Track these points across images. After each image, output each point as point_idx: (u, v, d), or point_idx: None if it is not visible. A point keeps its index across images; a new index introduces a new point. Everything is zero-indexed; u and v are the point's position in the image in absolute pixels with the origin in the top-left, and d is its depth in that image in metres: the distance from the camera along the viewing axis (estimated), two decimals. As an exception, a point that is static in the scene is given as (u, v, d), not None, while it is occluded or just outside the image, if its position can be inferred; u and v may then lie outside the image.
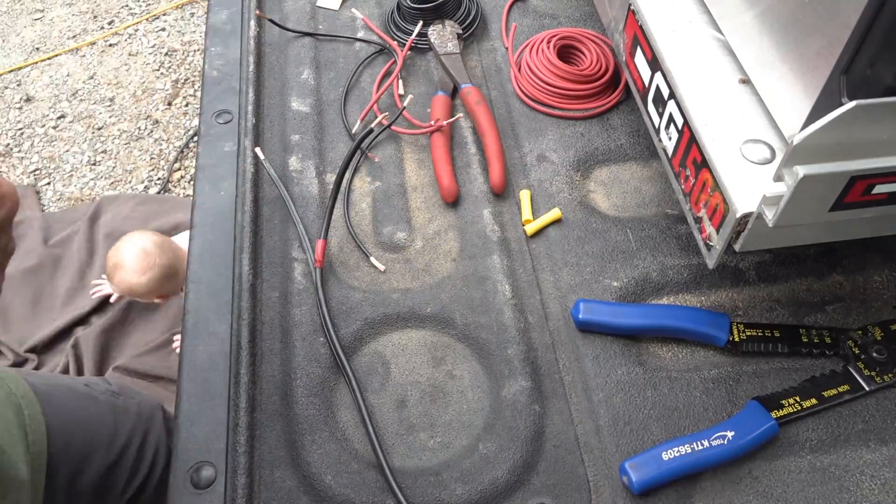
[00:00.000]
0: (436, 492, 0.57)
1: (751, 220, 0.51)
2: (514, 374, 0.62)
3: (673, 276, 0.68)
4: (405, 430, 0.60)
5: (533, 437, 0.59)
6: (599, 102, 0.81)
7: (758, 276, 0.68)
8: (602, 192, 0.75)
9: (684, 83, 0.59)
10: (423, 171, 0.77)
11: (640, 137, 0.79)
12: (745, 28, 0.58)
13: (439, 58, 0.83)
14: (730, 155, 0.54)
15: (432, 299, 0.67)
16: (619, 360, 0.64)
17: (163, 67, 2.39)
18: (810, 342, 0.63)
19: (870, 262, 0.69)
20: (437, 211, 0.74)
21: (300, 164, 0.77)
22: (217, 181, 0.74)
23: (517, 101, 0.82)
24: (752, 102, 0.58)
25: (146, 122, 2.26)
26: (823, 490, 0.57)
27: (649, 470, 0.56)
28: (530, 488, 0.57)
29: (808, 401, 0.60)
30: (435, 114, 0.79)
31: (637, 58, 0.66)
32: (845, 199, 0.49)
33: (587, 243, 0.71)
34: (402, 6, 0.87)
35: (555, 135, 0.79)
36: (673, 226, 0.72)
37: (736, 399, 0.61)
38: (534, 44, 0.84)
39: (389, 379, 0.63)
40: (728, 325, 0.63)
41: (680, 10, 0.65)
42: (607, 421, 0.60)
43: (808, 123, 0.49)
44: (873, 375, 0.61)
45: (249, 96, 0.81)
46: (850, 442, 0.59)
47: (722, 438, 0.57)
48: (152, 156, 2.18)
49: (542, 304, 0.67)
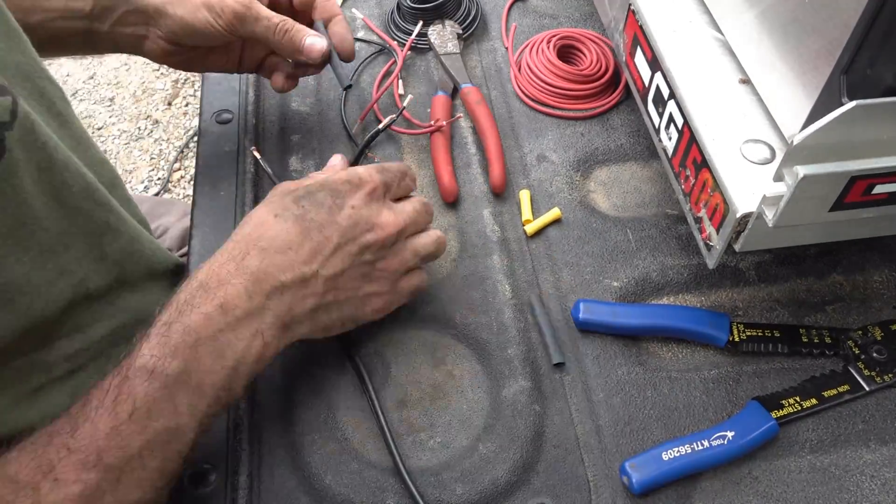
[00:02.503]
0: (436, 492, 0.57)
1: (751, 220, 0.51)
2: (514, 374, 0.62)
3: (673, 276, 0.68)
4: (405, 430, 0.60)
5: (533, 437, 0.59)
6: (599, 102, 0.81)
7: (758, 276, 0.68)
8: (602, 192, 0.75)
9: (684, 83, 0.59)
10: (423, 171, 0.77)
11: (640, 137, 0.79)
12: (746, 28, 0.58)
13: (439, 58, 0.83)
14: (730, 155, 0.54)
15: (432, 299, 0.67)
16: (619, 360, 0.64)
17: (163, 67, 2.38)
18: (810, 342, 0.63)
19: (870, 262, 0.69)
20: (437, 211, 0.74)
21: (300, 164, 0.77)
22: (217, 181, 0.74)
23: (517, 101, 0.82)
24: (752, 102, 0.58)
25: (146, 122, 2.26)
26: (823, 490, 0.57)
27: (649, 470, 0.56)
28: (530, 488, 0.57)
29: (808, 401, 0.60)
30: (435, 114, 0.79)
31: (637, 58, 0.66)
32: (845, 199, 0.49)
33: (587, 243, 0.71)
34: (402, 6, 0.87)
35: (555, 135, 0.79)
36: (673, 226, 0.72)
37: (736, 399, 0.61)
38: (534, 44, 0.84)
39: (389, 379, 0.63)
40: (728, 325, 0.63)
41: (680, 10, 0.65)
42: (607, 421, 0.60)
43: (808, 123, 0.49)
44: (873, 375, 0.61)
45: (249, 96, 0.81)
46: (850, 442, 0.59)
47: (722, 438, 0.57)
48: (152, 156, 2.18)
49: (542, 304, 0.67)
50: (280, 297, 0.53)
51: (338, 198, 0.56)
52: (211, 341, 0.49)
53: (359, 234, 0.56)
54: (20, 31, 0.58)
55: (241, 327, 0.51)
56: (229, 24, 0.64)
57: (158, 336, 0.49)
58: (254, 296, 0.51)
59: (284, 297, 0.53)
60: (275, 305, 0.52)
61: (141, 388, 0.47)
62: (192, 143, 2.15)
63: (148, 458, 0.47)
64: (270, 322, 0.52)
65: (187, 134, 2.18)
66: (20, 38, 0.58)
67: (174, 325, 0.49)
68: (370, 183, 0.58)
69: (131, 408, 0.46)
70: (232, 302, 0.51)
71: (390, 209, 0.58)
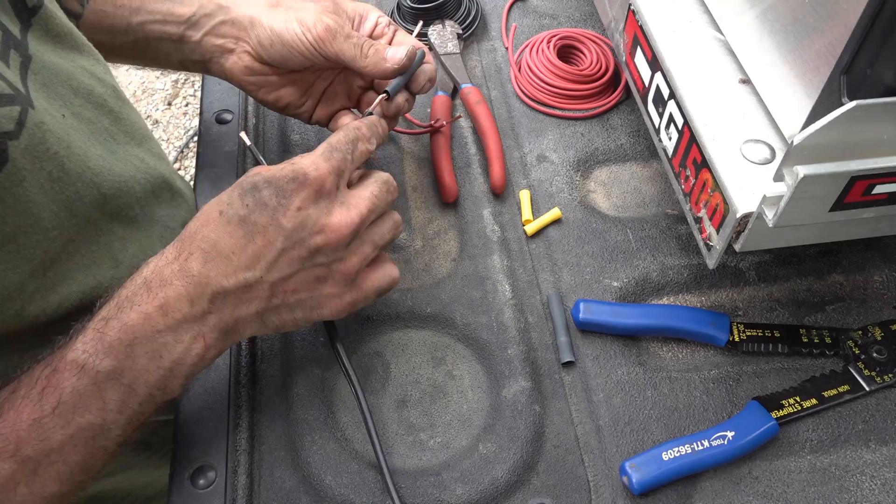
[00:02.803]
0: (436, 492, 0.57)
1: (751, 220, 0.51)
2: (514, 374, 0.62)
3: (673, 276, 0.69)
4: (405, 430, 0.60)
5: (533, 437, 0.59)
6: (599, 102, 0.81)
7: (758, 276, 0.69)
8: (602, 192, 0.75)
9: (684, 83, 0.59)
10: (423, 171, 0.77)
11: (640, 137, 0.79)
12: (746, 28, 0.58)
13: (439, 58, 0.83)
14: (730, 155, 0.54)
15: (432, 299, 0.67)
16: (619, 360, 0.64)
17: (163, 67, 2.39)
18: (810, 342, 0.63)
19: (870, 262, 0.69)
20: (437, 211, 0.74)
21: (300, 164, 0.77)
22: (217, 181, 0.74)
23: (517, 101, 0.82)
24: (752, 102, 0.58)
25: (146, 122, 2.26)
26: (823, 490, 0.57)
27: (649, 470, 0.56)
28: (530, 488, 0.57)
29: (808, 401, 0.60)
30: (435, 114, 0.79)
31: (637, 58, 0.66)
32: (845, 200, 0.49)
33: (587, 243, 0.71)
34: (402, 6, 0.87)
35: (555, 135, 0.79)
36: (673, 226, 0.72)
37: (736, 399, 0.61)
38: (534, 44, 0.84)
39: (389, 379, 0.63)
40: (728, 325, 0.63)
41: (680, 10, 0.65)
42: (607, 421, 0.60)
43: (808, 123, 0.49)
44: (873, 375, 0.61)
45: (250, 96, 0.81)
46: (850, 442, 0.59)
47: (722, 438, 0.57)
48: (152, 156, 2.18)
49: (542, 304, 0.67)
50: (223, 301, 0.51)
51: (283, 197, 0.52)
52: (148, 341, 0.48)
53: (306, 236, 0.52)
54: (74, 31, 0.59)
55: (181, 330, 0.50)
56: (318, 39, 0.63)
57: (94, 331, 0.48)
58: (195, 301, 0.50)
59: (227, 301, 0.51)
60: (217, 310, 0.51)
61: (69, 382, 0.46)
62: (192, 143, 2.15)
63: (70, 452, 0.46)
64: (213, 325, 0.51)
65: (187, 134, 2.18)
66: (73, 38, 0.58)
67: (112, 321, 0.48)
68: (317, 178, 0.53)
69: (56, 401, 0.46)
70: (172, 304, 0.49)
71: (342, 204, 0.54)
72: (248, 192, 0.52)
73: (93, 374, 0.47)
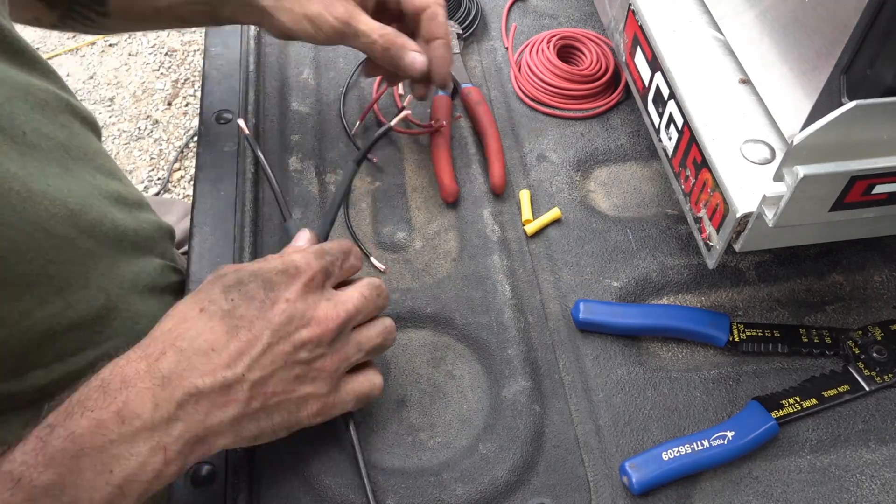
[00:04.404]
0: (436, 492, 0.57)
1: (751, 220, 0.51)
2: (514, 374, 0.62)
3: (673, 276, 0.69)
4: (405, 430, 0.60)
5: (533, 437, 0.59)
6: (599, 102, 0.81)
7: (758, 276, 0.69)
8: (602, 192, 0.75)
9: (684, 83, 0.59)
10: (423, 171, 0.77)
11: (640, 137, 0.79)
12: (746, 28, 0.58)
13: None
14: (730, 155, 0.54)
15: (432, 299, 0.67)
16: (619, 360, 0.64)
17: (163, 67, 2.39)
18: (810, 342, 0.63)
19: (870, 262, 0.69)
20: (437, 211, 0.74)
21: (300, 164, 0.77)
22: (217, 181, 0.74)
23: (517, 101, 0.82)
24: (752, 102, 0.58)
25: (146, 122, 2.26)
26: (823, 490, 0.57)
27: (649, 470, 0.56)
28: (530, 488, 0.57)
29: (808, 401, 0.60)
30: (435, 114, 0.79)
31: (637, 58, 0.66)
32: (845, 199, 0.49)
33: (587, 243, 0.71)
34: (402, 6, 0.87)
35: (555, 135, 0.79)
36: (673, 226, 0.72)
37: (736, 399, 0.61)
38: (534, 44, 0.84)
39: (389, 379, 0.63)
40: (728, 325, 0.63)
41: (680, 10, 0.65)
42: (607, 421, 0.60)
43: (808, 123, 0.49)
44: (873, 375, 0.61)
45: (249, 96, 0.81)
46: (850, 442, 0.59)
47: (722, 438, 0.57)
48: (152, 156, 2.18)
49: (542, 304, 0.67)
50: (195, 405, 0.46)
51: (270, 290, 0.50)
52: (97, 453, 0.43)
53: (293, 330, 0.49)
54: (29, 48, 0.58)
55: (139, 440, 0.44)
56: (329, 40, 0.63)
57: (36, 440, 0.42)
58: (161, 404, 0.45)
59: (200, 405, 0.46)
60: (187, 416, 0.45)
61: (1, 497, 0.41)
62: (192, 143, 2.15)
63: None
64: (178, 435, 0.45)
65: (187, 134, 2.18)
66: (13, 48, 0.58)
67: (58, 429, 0.42)
68: (307, 272, 0.51)
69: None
70: (132, 409, 0.44)
71: (329, 300, 0.52)
72: (233, 288, 0.50)
73: (28, 489, 0.41)
